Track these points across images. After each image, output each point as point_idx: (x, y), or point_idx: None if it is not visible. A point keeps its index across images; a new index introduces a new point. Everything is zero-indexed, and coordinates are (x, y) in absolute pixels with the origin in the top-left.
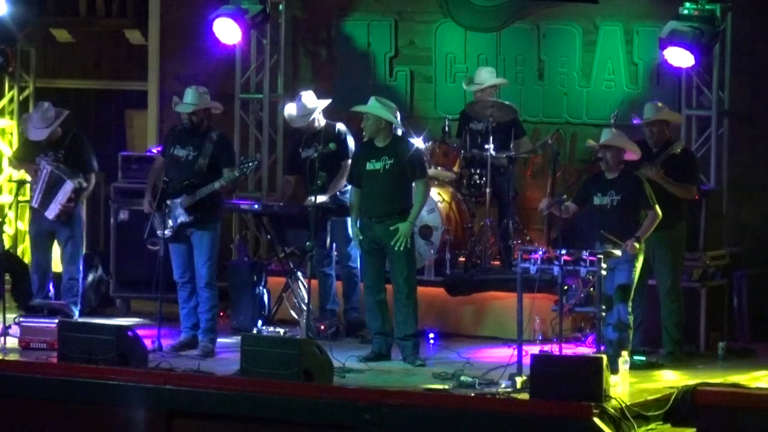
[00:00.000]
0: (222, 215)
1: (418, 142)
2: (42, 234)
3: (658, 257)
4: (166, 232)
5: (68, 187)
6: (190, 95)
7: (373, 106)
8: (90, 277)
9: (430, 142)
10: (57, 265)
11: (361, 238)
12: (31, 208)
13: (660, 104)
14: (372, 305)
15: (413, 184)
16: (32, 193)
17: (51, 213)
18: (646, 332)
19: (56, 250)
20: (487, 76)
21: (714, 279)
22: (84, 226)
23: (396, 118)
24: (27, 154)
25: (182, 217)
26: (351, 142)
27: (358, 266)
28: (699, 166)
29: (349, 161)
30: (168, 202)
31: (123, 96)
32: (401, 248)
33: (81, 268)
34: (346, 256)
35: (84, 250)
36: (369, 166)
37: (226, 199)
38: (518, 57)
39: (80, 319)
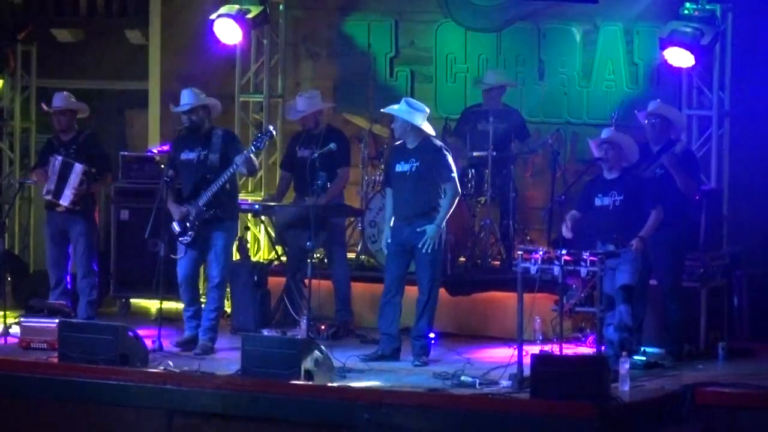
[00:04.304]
0: (238, 213)
1: None
2: (56, 233)
3: (659, 257)
4: (187, 236)
5: (78, 168)
6: (185, 96)
7: (400, 108)
8: None
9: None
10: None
11: (389, 240)
12: (46, 207)
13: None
14: (385, 305)
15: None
16: (45, 186)
17: (66, 200)
18: (646, 332)
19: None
20: (492, 77)
21: (714, 279)
22: (97, 227)
23: (424, 120)
24: (43, 160)
25: (202, 215)
26: (349, 150)
27: (346, 268)
28: (699, 166)
29: (347, 169)
30: (184, 206)
31: (123, 96)
32: (428, 250)
33: (95, 267)
34: (335, 257)
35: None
36: (398, 167)
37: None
38: (518, 57)
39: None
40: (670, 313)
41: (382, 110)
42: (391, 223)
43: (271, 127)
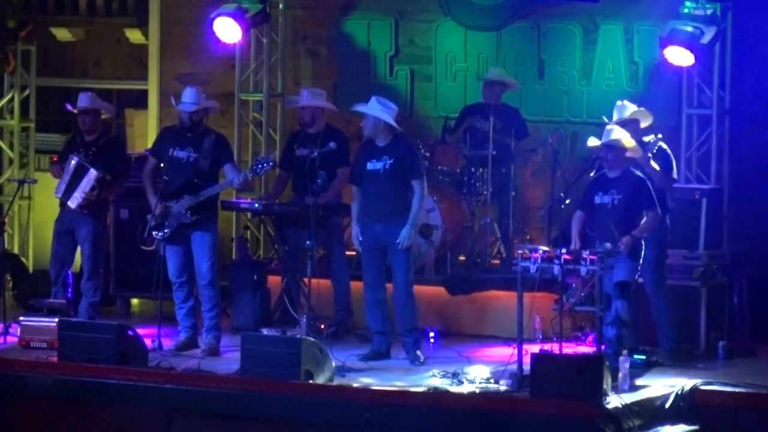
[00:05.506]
0: (218, 212)
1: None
2: (63, 231)
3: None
4: (162, 233)
5: (92, 174)
6: (191, 95)
7: (372, 106)
8: None
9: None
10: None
11: (361, 239)
12: (59, 204)
13: (626, 102)
14: (372, 304)
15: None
16: (58, 184)
17: (74, 202)
18: (644, 331)
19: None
20: (496, 72)
21: (714, 278)
22: (106, 230)
23: (393, 119)
24: (63, 156)
25: (183, 218)
26: (349, 150)
27: (346, 267)
28: (672, 162)
29: (347, 169)
30: (168, 203)
31: (123, 96)
32: (403, 248)
33: (100, 270)
34: (335, 256)
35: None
36: (369, 165)
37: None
38: (518, 56)
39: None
40: (660, 311)
41: (352, 108)
42: (358, 222)
43: (273, 155)
